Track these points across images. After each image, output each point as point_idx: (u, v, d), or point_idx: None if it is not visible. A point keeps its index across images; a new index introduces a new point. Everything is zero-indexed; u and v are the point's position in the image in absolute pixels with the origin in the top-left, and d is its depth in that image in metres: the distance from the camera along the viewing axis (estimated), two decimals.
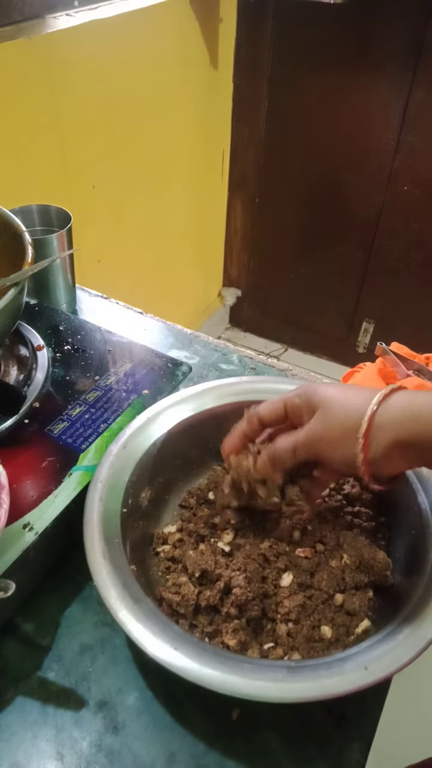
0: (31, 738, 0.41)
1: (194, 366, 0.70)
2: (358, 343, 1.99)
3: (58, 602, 0.49)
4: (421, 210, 1.63)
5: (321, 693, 0.36)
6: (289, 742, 0.41)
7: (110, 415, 0.56)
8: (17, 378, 0.59)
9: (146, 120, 1.37)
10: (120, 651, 0.46)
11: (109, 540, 0.43)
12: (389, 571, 0.47)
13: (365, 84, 1.51)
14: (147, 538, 0.51)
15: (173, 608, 0.45)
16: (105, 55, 1.16)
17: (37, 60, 1.00)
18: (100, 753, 0.41)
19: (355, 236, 1.78)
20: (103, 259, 1.38)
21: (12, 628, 0.47)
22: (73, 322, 0.68)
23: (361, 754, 0.41)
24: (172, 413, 0.54)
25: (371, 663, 0.37)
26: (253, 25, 1.58)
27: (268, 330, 2.18)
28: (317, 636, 0.44)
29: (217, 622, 0.45)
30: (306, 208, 1.82)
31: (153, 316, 0.78)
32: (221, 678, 0.36)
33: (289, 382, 0.57)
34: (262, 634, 0.45)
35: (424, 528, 0.47)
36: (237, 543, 0.49)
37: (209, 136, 1.69)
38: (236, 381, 0.57)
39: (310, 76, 1.57)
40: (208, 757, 0.41)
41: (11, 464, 0.49)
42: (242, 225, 1.97)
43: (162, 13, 1.29)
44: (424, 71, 1.43)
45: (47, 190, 1.14)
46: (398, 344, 1.23)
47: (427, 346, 1.28)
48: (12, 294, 0.50)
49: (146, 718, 0.42)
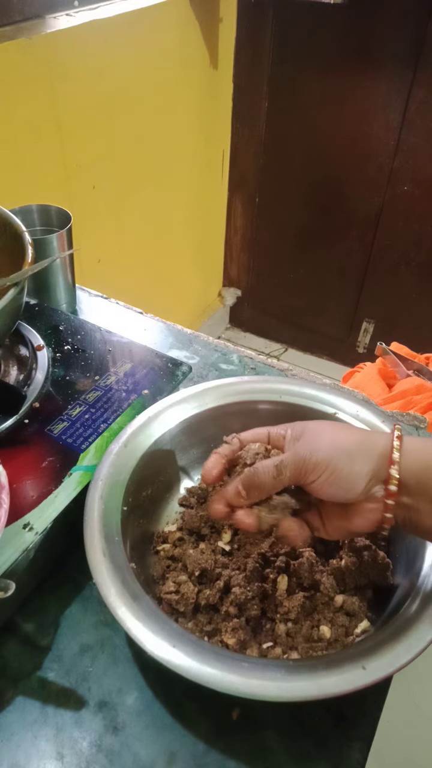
0: (31, 738, 0.41)
1: (194, 366, 0.70)
2: (358, 343, 1.99)
3: (58, 602, 0.49)
4: (421, 210, 1.63)
5: (320, 692, 0.36)
6: (289, 742, 0.41)
7: (110, 415, 0.56)
8: (17, 378, 0.59)
9: (146, 120, 1.37)
10: (120, 651, 0.46)
11: (110, 538, 0.43)
12: (389, 572, 0.47)
13: (365, 84, 1.51)
14: (147, 536, 0.51)
15: (173, 606, 0.45)
16: (105, 55, 1.16)
17: (37, 60, 1.00)
18: (100, 753, 0.41)
19: (355, 236, 1.78)
20: (103, 259, 1.38)
21: (12, 628, 0.47)
22: (73, 322, 0.68)
23: (361, 754, 0.41)
24: (173, 413, 0.54)
25: (370, 663, 0.37)
26: (253, 25, 1.58)
27: (268, 330, 2.18)
28: (316, 636, 0.44)
29: (217, 621, 0.45)
30: (306, 208, 1.82)
31: (153, 316, 0.78)
32: (220, 676, 0.36)
33: (289, 382, 0.57)
34: (261, 634, 0.45)
35: None
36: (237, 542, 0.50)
37: (209, 136, 1.69)
38: (236, 381, 0.57)
39: (310, 76, 1.57)
40: (208, 757, 0.41)
41: (11, 464, 0.49)
42: (242, 225, 1.97)
43: (162, 13, 1.29)
44: (424, 71, 1.43)
45: (47, 190, 1.14)
46: (398, 344, 1.23)
47: (427, 346, 1.28)
48: (12, 294, 0.50)
49: (146, 718, 0.42)
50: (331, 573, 0.47)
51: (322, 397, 0.56)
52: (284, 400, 0.56)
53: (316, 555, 0.48)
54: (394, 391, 1.11)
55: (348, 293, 1.90)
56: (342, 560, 0.48)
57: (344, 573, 0.47)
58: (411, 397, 1.05)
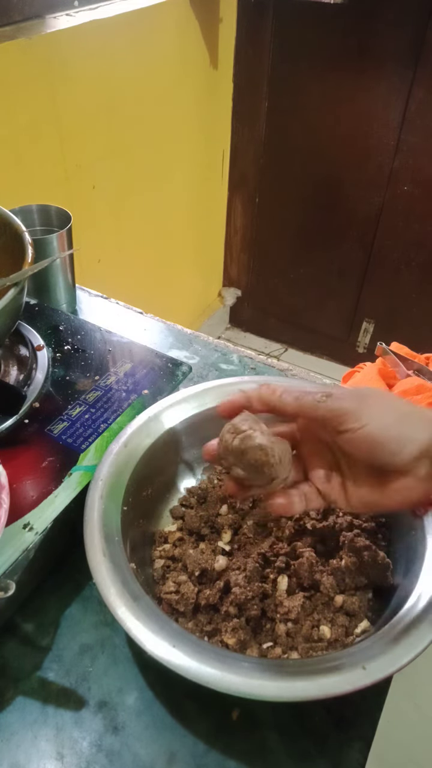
0: (31, 738, 0.41)
1: (194, 366, 0.70)
2: (358, 343, 1.99)
3: (58, 602, 0.49)
4: (421, 210, 1.63)
5: (319, 692, 0.36)
6: (289, 742, 0.41)
7: (110, 415, 0.56)
8: (17, 378, 0.59)
9: (146, 120, 1.37)
10: (120, 651, 0.46)
11: (109, 538, 0.43)
12: (389, 572, 0.47)
13: (365, 84, 1.51)
14: (147, 536, 0.51)
15: (173, 606, 0.45)
16: (105, 55, 1.16)
17: (37, 60, 1.00)
18: (100, 753, 0.41)
19: (355, 236, 1.78)
20: (103, 259, 1.38)
21: (12, 628, 0.47)
22: (73, 322, 0.68)
23: (361, 754, 0.41)
24: (173, 412, 0.54)
25: (370, 663, 0.37)
26: (253, 25, 1.58)
27: (268, 330, 2.18)
28: (316, 636, 0.44)
29: (217, 621, 0.45)
30: (306, 208, 1.82)
31: (153, 316, 0.78)
32: (219, 676, 0.36)
33: (289, 382, 0.57)
34: (261, 634, 0.45)
35: (424, 529, 0.47)
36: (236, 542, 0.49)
37: (209, 136, 1.69)
38: (236, 381, 0.57)
39: (310, 76, 1.57)
40: (208, 757, 0.41)
41: (11, 464, 0.49)
42: (242, 225, 1.97)
43: (162, 13, 1.29)
44: (424, 71, 1.43)
45: (47, 190, 1.14)
46: (398, 344, 1.23)
47: (427, 346, 1.28)
48: (12, 294, 0.50)
49: (146, 718, 0.42)
50: (331, 573, 0.47)
51: None
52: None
53: (316, 555, 0.48)
54: (394, 391, 1.11)
55: (348, 293, 1.90)
56: (342, 560, 0.48)
57: (344, 573, 0.47)
58: (411, 397, 1.05)
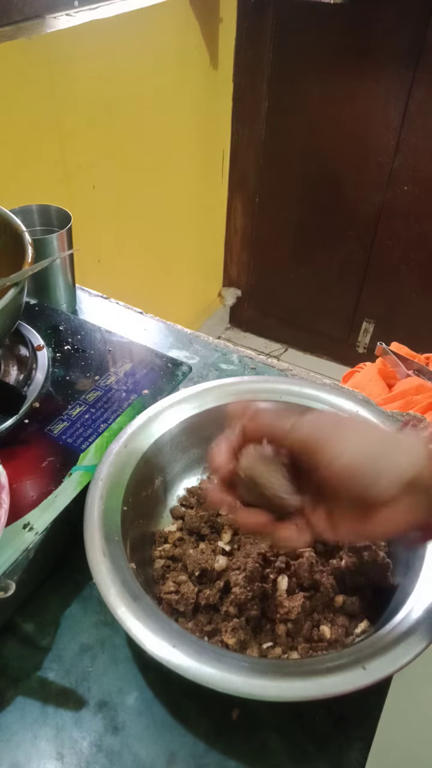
0: (31, 738, 0.41)
1: (194, 366, 0.70)
2: (358, 343, 1.99)
3: (58, 602, 0.49)
4: (421, 210, 1.63)
5: (319, 692, 0.36)
6: (289, 742, 0.41)
7: (110, 415, 0.56)
8: (17, 378, 0.59)
9: (146, 120, 1.37)
10: (120, 651, 0.46)
11: (109, 538, 0.43)
12: (389, 572, 0.47)
13: (365, 84, 1.51)
14: (147, 536, 0.51)
15: (173, 606, 0.45)
16: (105, 55, 1.16)
17: (37, 60, 1.00)
18: (100, 753, 0.41)
19: (355, 236, 1.78)
20: (103, 259, 1.38)
21: (12, 628, 0.47)
22: (73, 322, 0.68)
23: (361, 754, 0.41)
24: (173, 413, 0.54)
25: (370, 663, 0.37)
26: (253, 25, 1.58)
27: (268, 330, 2.18)
28: (316, 636, 0.44)
29: (217, 621, 0.45)
30: (306, 208, 1.82)
31: (153, 316, 0.78)
32: (220, 676, 0.36)
33: (289, 382, 0.57)
34: (261, 634, 0.45)
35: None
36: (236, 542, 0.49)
37: (209, 136, 1.69)
38: (236, 381, 0.57)
39: (310, 76, 1.57)
40: (208, 756, 0.41)
41: (11, 464, 0.49)
42: (242, 225, 1.97)
43: (162, 13, 1.29)
44: (424, 71, 1.43)
45: (47, 190, 1.14)
46: (398, 344, 1.23)
47: (427, 346, 1.28)
48: (12, 294, 0.50)
49: (146, 718, 0.42)
50: (331, 573, 0.47)
51: (322, 397, 0.56)
52: (284, 400, 0.56)
53: (316, 555, 0.48)
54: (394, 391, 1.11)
55: (348, 293, 1.90)
56: (342, 560, 0.48)
57: (344, 573, 0.47)
58: (411, 397, 1.05)
